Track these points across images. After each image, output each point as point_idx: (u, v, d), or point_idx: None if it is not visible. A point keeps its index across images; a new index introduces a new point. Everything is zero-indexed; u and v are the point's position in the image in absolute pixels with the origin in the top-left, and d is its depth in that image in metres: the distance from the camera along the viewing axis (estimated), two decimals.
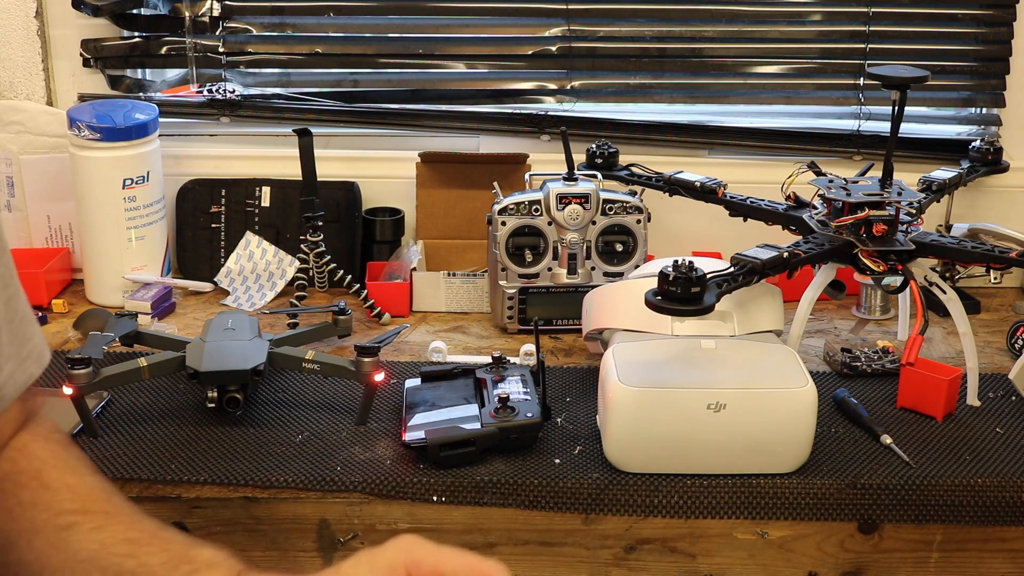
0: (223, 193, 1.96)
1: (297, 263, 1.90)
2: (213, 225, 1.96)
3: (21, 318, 1.05)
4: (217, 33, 2.02)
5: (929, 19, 2.04)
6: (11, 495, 1.01)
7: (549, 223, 1.74)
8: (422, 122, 2.05)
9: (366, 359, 1.49)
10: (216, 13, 2.01)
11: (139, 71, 2.08)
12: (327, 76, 2.09)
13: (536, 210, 1.73)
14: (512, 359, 1.59)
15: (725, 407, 1.36)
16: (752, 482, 1.39)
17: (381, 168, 2.02)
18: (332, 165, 1.95)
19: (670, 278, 1.35)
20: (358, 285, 1.85)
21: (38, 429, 1.08)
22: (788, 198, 1.67)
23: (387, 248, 1.96)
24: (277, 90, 2.07)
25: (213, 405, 1.48)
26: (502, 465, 1.41)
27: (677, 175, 1.77)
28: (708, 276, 1.37)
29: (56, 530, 0.98)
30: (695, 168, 1.81)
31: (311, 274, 1.89)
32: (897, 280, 1.56)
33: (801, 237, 1.58)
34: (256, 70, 2.07)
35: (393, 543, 0.90)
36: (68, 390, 1.42)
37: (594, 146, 1.85)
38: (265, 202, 1.96)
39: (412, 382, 1.57)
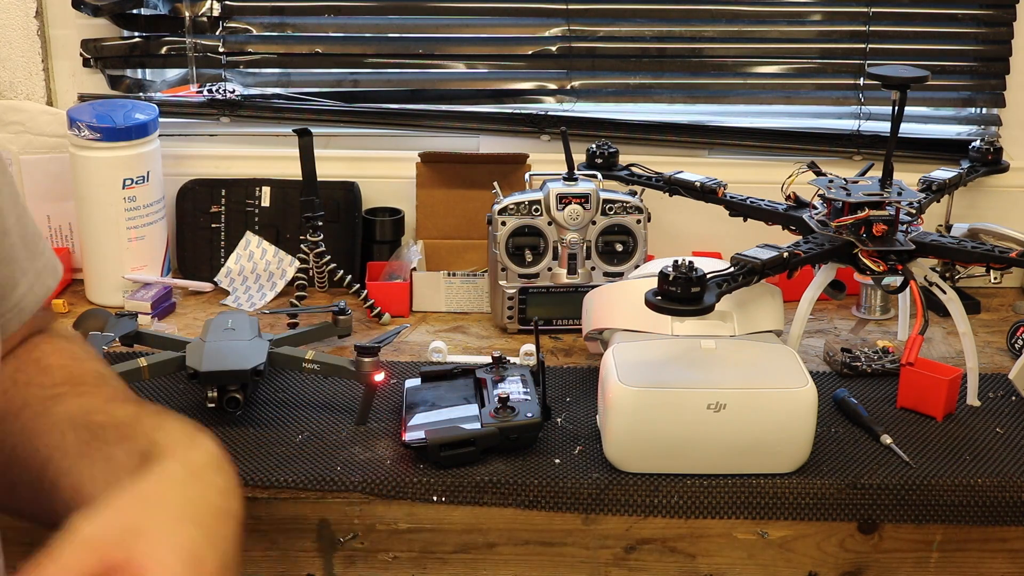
0: (223, 193, 1.96)
1: (297, 263, 1.89)
2: (213, 225, 1.96)
3: (32, 234, 1.10)
4: (217, 33, 2.02)
5: (929, 19, 2.03)
6: (8, 378, 1.04)
7: (549, 223, 1.74)
8: (422, 122, 2.05)
9: (366, 359, 1.49)
10: (216, 13, 2.01)
11: (139, 71, 2.07)
12: (327, 76, 2.09)
13: (536, 210, 1.73)
14: (512, 359, 1.59)
15: (725, 407, 1.36)
16: (752, 482, 1.39)
17: (381, 168, 2.01)
18: (332, 165, 1.95)
19: (670, 278, 1.35)
20: (358, 285, 1.85)
21: (51, 333, 1.13)
22: (788, 198, 1.67)
23: (387, 248, 1.96)
24: (277, 90, 2.06)
25: (213, 405, 1.48)
26: (502, 465, 1.41)
27: (677, 175, 1.76)
28: (708, 276, 1.37)
29: (43, 400, 1.01)
30: (695, 168, 1.81)
31: (311, 274, 1.89)
32: (897, 280, 1.56)
33: (801, 237, 1.58)
34: (256, 70, 2.07)
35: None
36: None
37: (594, 146, 1.84)
38: (265, 202, 1.96)
39: (412, 382, 1.57)
